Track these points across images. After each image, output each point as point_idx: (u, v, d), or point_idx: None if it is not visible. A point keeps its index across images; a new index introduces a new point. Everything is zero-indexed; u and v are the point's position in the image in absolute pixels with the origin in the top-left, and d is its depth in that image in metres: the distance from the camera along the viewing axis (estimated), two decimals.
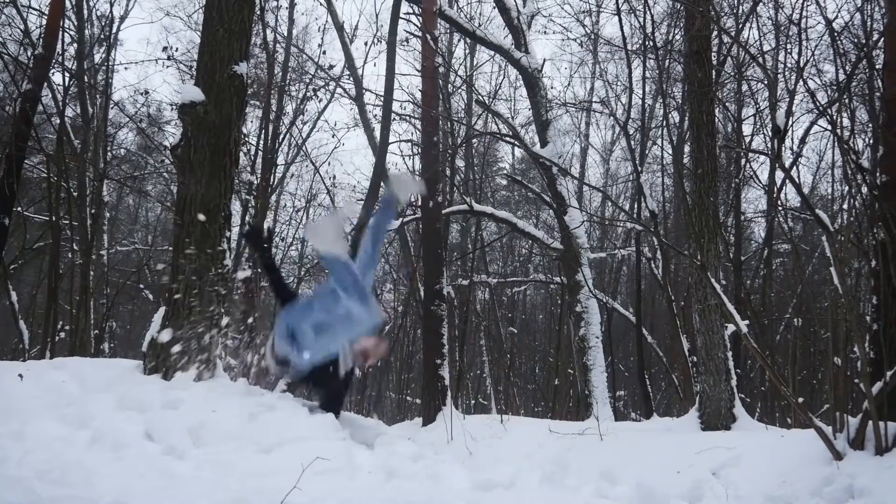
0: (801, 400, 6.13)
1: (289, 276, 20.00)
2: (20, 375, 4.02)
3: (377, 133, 13.01)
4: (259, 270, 4.73)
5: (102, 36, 12.31)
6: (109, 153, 12.11)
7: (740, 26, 9.98)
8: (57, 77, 10.86)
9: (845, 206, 5.22)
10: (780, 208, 12.09)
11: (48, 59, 9.02)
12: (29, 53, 10.04)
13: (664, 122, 11.00)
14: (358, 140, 54.49)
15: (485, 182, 18.20)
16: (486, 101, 14.53)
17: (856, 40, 7.64)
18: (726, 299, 5.72)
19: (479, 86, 17.71)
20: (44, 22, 9.41)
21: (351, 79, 14.51)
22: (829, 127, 5.49)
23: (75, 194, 10.88)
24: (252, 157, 12.49)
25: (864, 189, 5.07)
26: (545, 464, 3.68)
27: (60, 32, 9.54)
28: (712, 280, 5.98)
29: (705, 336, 6.85)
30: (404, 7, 12.12)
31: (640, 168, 12.05)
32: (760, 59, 8.33)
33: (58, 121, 10.30)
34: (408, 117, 14.66)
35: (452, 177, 14.73)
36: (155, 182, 17.00)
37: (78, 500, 2.55)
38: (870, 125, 8.06)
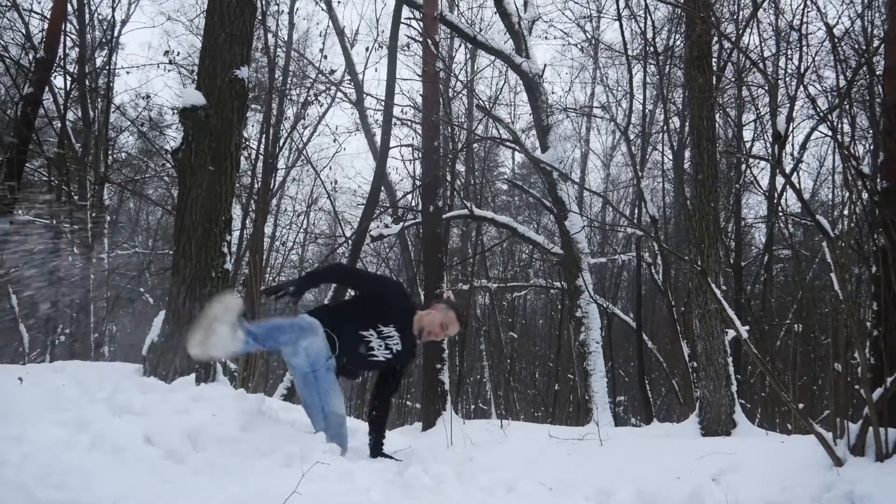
0: (801, 406, 6.12)
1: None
2: (20, 379, 4.01)
3: (378, 137, 13.06)
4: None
5: (104, 39, 12.32)
6: (110, 157, 12.13)
7: (741, 32, 9.99)
8: (58, 80, 10.90)
9: (846, 212, 5.21)
10: (781, 214, 12.12)
11: (49, 62, 9.05)
12: (30, 57, 10.06)
13: (665, 128, 11.03)
14: (359, 144, 54.57)
15: (485, 187, 18.22)
16: (487, 106, 14.59)
17: (856, 46, 7.65)
18: (727, 305, 5.71)
19: (480, 90, 17.78)
20: (45, 25, 9.44)
21: (352, 83, 14.58)
22: (830, 133, 5.49)
23: (76, 198, 10.89)
24: (253, 161, 12.50)
25: (865, 195, 5.07)
26: (545, 469, 3.67)
27: (62, 36, 9.57)
28: (713, 285, 5.97)
29: (705, 341, 6.84)
30: (405, 12, 12.19)
31: (640, 173, 12.06)
32: (761, 65, 8.34)
33: (59, 124, 10.32)
34: (409, 122, 14.73)
35: (453, 181, 14.74)
36: (156, 186, 17.03)
37: None
38: (870, 131, 8.07)
